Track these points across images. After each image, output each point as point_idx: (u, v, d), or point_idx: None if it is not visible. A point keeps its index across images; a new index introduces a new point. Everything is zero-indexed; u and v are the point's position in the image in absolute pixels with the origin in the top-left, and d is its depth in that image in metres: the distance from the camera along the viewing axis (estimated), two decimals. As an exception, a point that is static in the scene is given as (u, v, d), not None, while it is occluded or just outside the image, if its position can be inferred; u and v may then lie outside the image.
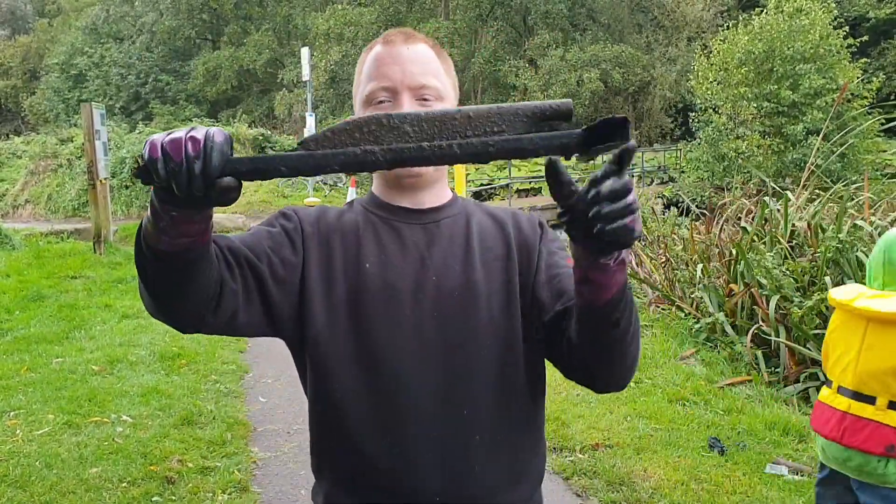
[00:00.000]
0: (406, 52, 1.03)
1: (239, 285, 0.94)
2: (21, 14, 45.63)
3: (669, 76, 26.10)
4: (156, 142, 0.70)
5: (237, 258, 0.94)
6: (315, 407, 1.04)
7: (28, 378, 4.33)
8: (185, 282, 0.85)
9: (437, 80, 1.04)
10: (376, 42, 1.08)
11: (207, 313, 0.90)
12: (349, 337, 1.00)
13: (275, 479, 3.12)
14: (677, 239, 6.94)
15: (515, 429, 1.04)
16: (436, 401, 0.99)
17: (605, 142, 0.68)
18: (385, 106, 1.02)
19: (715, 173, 16.14)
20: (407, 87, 1.02)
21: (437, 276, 1.01)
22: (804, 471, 3.08)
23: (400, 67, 1.02)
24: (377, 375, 0.99)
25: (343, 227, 1.05)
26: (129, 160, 16.90)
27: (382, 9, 28.66)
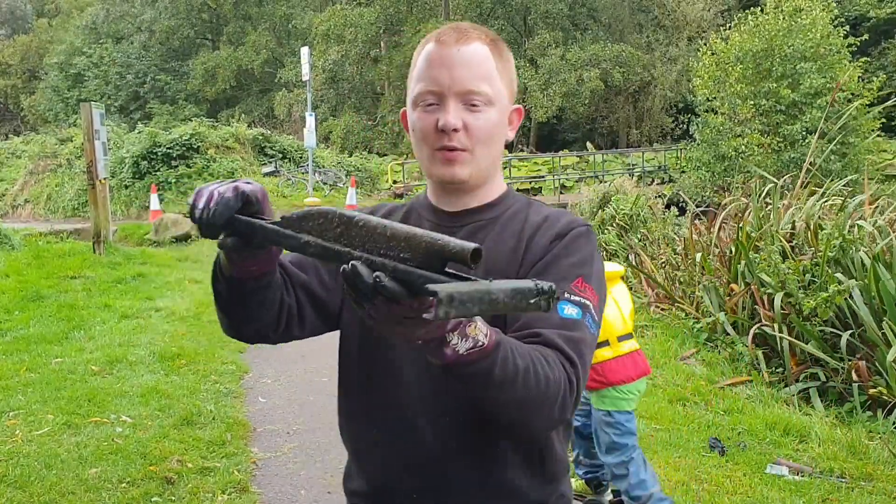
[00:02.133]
0: (457, 55, 1.01)
1: (293, 305, 1.05)
2: (21, 14, 45.62)
3: (670, 76, 26.10)
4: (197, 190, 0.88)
5: (291, 280, 1.05)
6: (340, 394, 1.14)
7: (27, 378, 4.32)
8: (252, 307, 1.00)
9: (489, 84, 1.02)
10: (430, 38, 1.06)
11: (271, 331, 1.05)
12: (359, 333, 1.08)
13: (274, 479, 3.12)
14: (677, 239, 6.94)
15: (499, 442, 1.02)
16: (420, 403, 1.02)
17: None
18: (432, 110, 1.02)
19: (715, 173, 16.14)
20: (454, 93, 1.01)
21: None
22: (805, 471, 3.08)
23: (448, 72, 1.01)
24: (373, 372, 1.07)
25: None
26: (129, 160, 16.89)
27: (382, 9, 28.65)
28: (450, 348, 0.77)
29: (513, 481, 1.04)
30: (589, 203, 10.71)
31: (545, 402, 0.89)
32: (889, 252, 4.36)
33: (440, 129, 1.01)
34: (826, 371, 4.15)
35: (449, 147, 1.02)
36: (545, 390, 0.87)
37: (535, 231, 1.05)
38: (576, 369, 0.91)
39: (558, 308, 0.95)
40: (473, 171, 1.05)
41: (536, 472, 1.05)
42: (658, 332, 5.22)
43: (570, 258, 1.01)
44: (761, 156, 15.09)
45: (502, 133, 1.07)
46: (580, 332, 0.95)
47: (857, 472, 3.06)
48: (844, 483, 2.98)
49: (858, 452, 3.25)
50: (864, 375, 3.86)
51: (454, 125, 1.00)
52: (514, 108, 1.10)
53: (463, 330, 0.76)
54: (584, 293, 0.98)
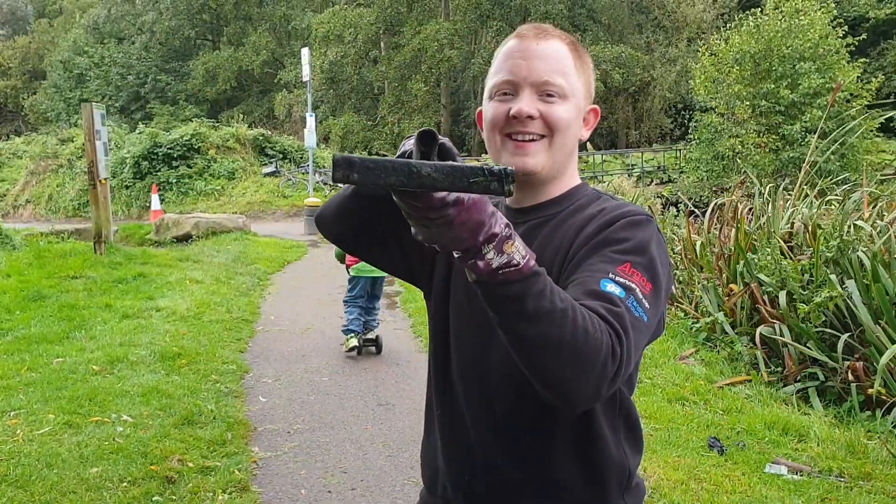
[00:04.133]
0: (535, 48, 1.03)
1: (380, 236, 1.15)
2: (21, 14, 45.63)
3: (669, 76, 26.11)
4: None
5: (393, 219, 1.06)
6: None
7: (28, 378, 4.33)
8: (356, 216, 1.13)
9: (565, 78, 1.03)
10: (512, 36, 1.09)
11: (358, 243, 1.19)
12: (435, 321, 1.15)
13: (275, 478, 3.13)
14: (676, 239, 6.95)
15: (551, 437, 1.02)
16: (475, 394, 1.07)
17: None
18: (507, 99, 1.03)
19: (714, 173, 16.15)
20: (529, 84, 1.02)
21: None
22: (804, 470, 3.09)
23: (527, 63, 1.02)
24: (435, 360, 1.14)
25: None
26: (130, 160, 16.91)
27: (381, 10, 28.67)
28: (484, 261, 0.78)
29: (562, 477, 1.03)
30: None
31: (584, 356, 0.80)
32: (888, 252, 4.37)
33: (512, 116, 1.01)
34: (825, 371, 4.16)
35: (521, 132, 1.02)
36: (584, 342, 0.80)
37: (587, 222, 1.01)
38: (621, 341, 0.83)
39: (600, 284, 0.89)
40: (546, 163, 1.04)
41: (588, 472, 1.03)
42: (657, 332, 5.22)
43: (619, 245, 0.94)
44: (759, 156, 15.10)
45: (577, 129, 1.07)
46: (623, 308, 0.87)
47: (855, 472, 3.06)
48: (843, 482, 2.99)
49: (857, 452, 3.25)
50: (863, 376, 3.87)
51: (528, 112, 1.00)
52: (591, 107, 1.11)
53: (500, 245, 0.78)
54: (630, 277, 0.90)
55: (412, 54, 27.73)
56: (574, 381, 0.82)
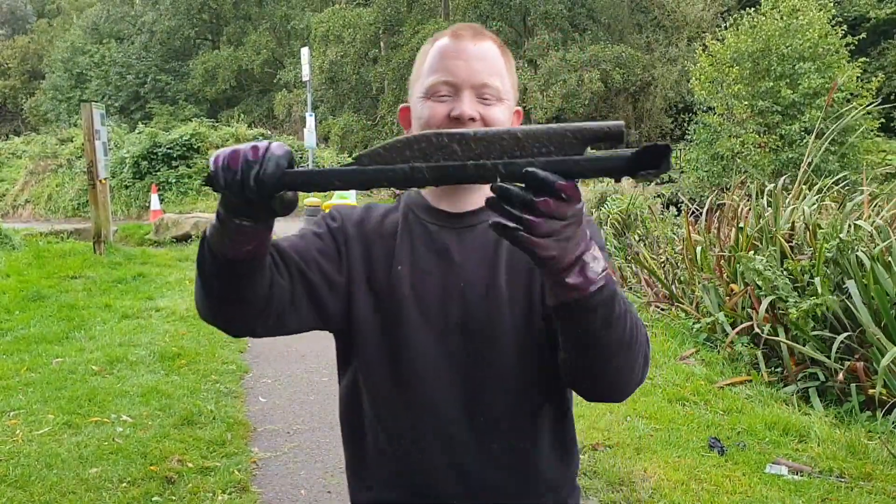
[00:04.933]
0: (473, 49, 1.02)
1: (287, 291, 0.96)
2: (21, 14, 45.62)
3: (670, 76, 26.10)
4: (219, 153, 0.76)
5: (287, 265, 0.97)
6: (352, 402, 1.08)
7: (28, 378, 4.32)
8: (243, 289, 0.90)
9: (500, 80, 1.03)
10: (442, 34, 1.07)
11: (258, 320, 0.95)
12: (381, 338, 1.03)
13: (275, 479, 3.12)
14: (677, 239, 6.94)
15: (537, 438, 1.03)
16: (457, 406, 1.01)
17: (649, 166, 0.69)
18: (445, 100, 1.01)
19: (714, 173, 16.14)
20: (470, 85, 1.01)
21: (464, 282, 1.01)
22: (804, 471, 3.08)
23: (465, 63, 1.01)
24: (401, 378, 1.02)
25: (384, 229, 1.07)
26: (129, 160, 16.91)
27: (381, 9, 28.67)
28: (589, 271, 0.76)
29: (546, 472, 1.05)
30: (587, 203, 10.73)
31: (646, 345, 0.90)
32: (888, 252, 4.37)
33: (454, 118, 1.00)
34: (825, 371, 4.15)
35: None
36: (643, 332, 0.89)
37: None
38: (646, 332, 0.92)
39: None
40: None
41: (563, 458, 1.07)
42: (658, 332, 5.22)
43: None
44: (759, 156, 15.09)
45: None
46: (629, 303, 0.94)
47: (856, 472, 3.06)
48: (844, 483, 2.98)
49: (858, 452, 3.25)
50: (863, 376, 3.86)
51: (471, 114, 0.99)
52: (516, 109, 1.11)
53: (590, 248, 0.77)
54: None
55: (412, 54, 27.70)
56: (640, 371, 0.90)
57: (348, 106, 30.17)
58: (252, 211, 0.78)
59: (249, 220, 0.80)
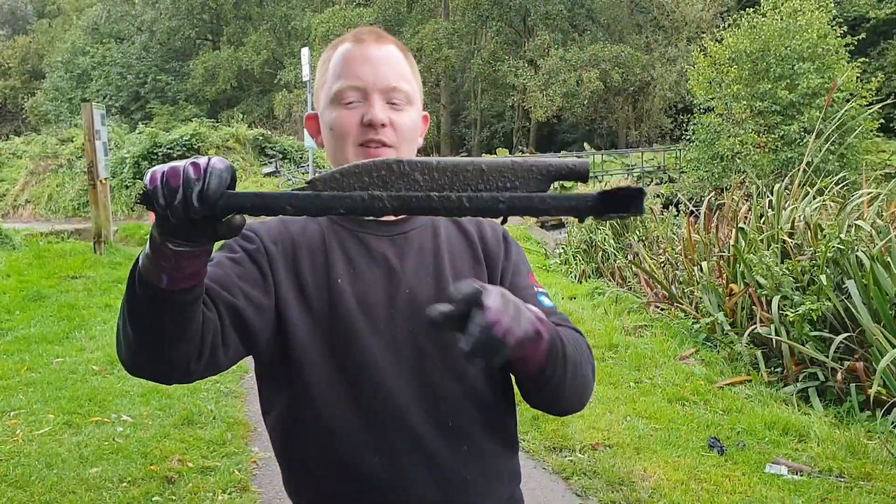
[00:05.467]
0: (377, 53, 1.00)
1: (216, 324, 0.89)
2: (21, 14, 45.64)
3: (669, 76, 26.11)
4: (156, 170, 0.69)
5: (211, 297, 0.90)
6: (293, 428, 1.00)
7: (28, 378, 4.33)
8: (182, 325, 0.82)
9: (408, 83, 1.02)
10: (343, 39, 1.05)
11: (192, 361, 0.87)
12: (329, 355, 0.97)
13: (275, 478, 3.12)
14: (677, 239, 6.95)
15: (495, 435, 1.05)
16: (421, 414, 0.98)
17: (618, 210, 0.68)
18: (355, 106, 0.99)
19: (714, 173, 16.15)
20: (378, 90, 0.99)
21: (409, 288, 1.00)
22: (804, 470, 3.09)
23: (371, 68, 0.99)
24: (360, 392, 0.97)
25: (309, 240, 1.01)
26: (129, 160, 16.91)
27: (381, 10, 28.68)
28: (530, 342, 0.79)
29: (502, 464, 1.07)
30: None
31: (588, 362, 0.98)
32: (888, 252, 4.37)
33: (366, 124, 0.97)
34: (825, 371, 4.16)
35: (376, 141, 0.98)
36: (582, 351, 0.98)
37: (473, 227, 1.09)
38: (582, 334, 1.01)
39: (539, 299, 1.03)
40: None
41: (514, 450, 1.09)
42: (657, 332, 5.22)
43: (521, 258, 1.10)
44: (758, 156, 15.10)
45: (418, 134, 1.06)
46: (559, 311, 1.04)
47: (855, 472, 3.06)
48: (843, 482, 2.99)
49: (857, 452, 3.25)
50: (863, 376, 3.86)
51: (382, 119, 0.98)
52: (423, 114, 1.09)
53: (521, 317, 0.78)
54: (538, 284, 1.08)
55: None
56: (591, 381, 0.99)
57: (348, 106, 30.16)
58: (193, 233, 0.71)
59: (189, 243, 0.73)
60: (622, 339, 4.99)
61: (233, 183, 0.69)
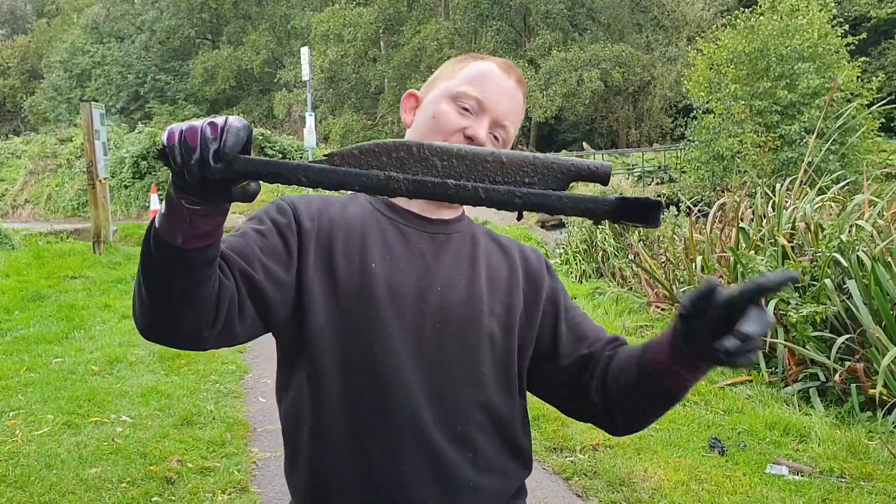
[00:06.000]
0: (511, 89, 1.05)
1: (233, 294, 0.88)
2: (21, 14, 45.64)
3: (669, 76, 26.12)
4: (174, 128, 0.69)
5: (230, 266, 0.89)
6: (304, 413, 0.99)
7: (27, 378, 4.32)
8: (195, 286, 0.81)
9: (514, 126, 1.07)
10: (492, 59, 1.08)
11: (206, 327, 0.86)
12: (348, 338, 0.96)
13: (274, 479, 3.12)
14: (677, 239, 6.94)
15: (504, 448, 1.04)
16: (432, 413, 0.97)
17: (634, 219, 0.68)
18: (467, 113, 1.02)
19: (715, 173, 16.15)
20: (494, 116, 1.02)
21: (442, 286, 0.99)
22: (805, 471, 3.08)
23: (499, 97, 1.03)
24: (374, 379, 0.95)
25: (347, 222, 1.01)
26: (129, 160, 16.91)
27: (381, 9, 28.66)
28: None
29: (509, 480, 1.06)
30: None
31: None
32: (889, 252, 4.36)
33: (467, 136, 1.00)
34: (825, 371, 4.15)
35: None
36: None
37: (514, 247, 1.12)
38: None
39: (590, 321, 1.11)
40: None
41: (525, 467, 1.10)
42: (658, 332, 5.22)
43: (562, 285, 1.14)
44: (757, 155, 15.09)
45: None
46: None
47: (856, 472, 3.06)
48: (844, 483, 2.98)
49: (858, 452, 3.25)
50: (863, 377, 3.86)
51: (482, 139, 1.01)
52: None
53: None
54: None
55: (412, 53, 27.73)
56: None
57: (348, 105, 30.17)
58: (209, 192, 0.71)
59: (205, 202, 0.73)
60: (622, 339, 4.98)
61: (248, 143, 0.69)
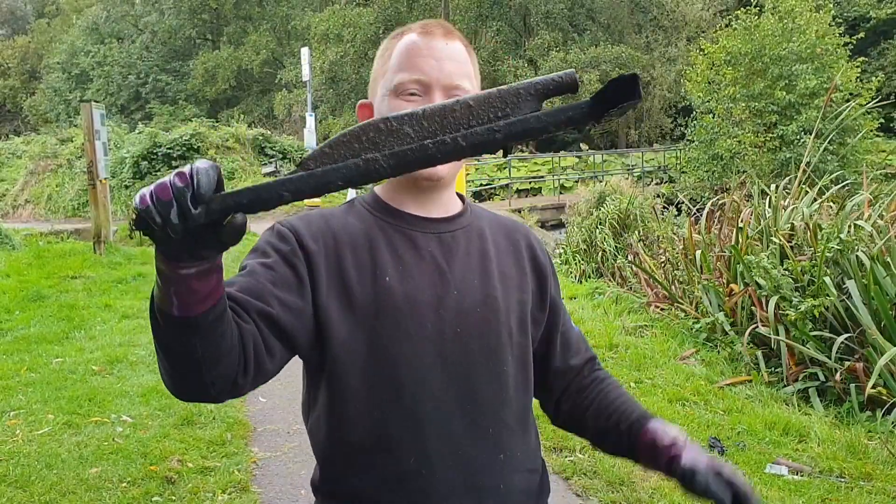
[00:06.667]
0: (444, 48, 0.98)
1: (257, 336, 0.88)
2: (21, 14, 45.65)
3: (669, 76, 26.11)
4: (143, 191, 0.66)
5: (247, 310, 0.88)
6: (331, 429, 0.98)
7: (28, 378, 4.33)
8: (214, 345, 0.79)
9: (470, 83, 1.00)
10: (409, 29, 1.01)
11: (239, 376, 0.85)
12: (371, 353, 0.95)
13: (275, 479, 3.12)
14: (677, 239, 6.94)
15: (528, 445, 1.05)
16: (462, 419, 0.97)
17: (616, 104, 0.65)
18: (416, 99, 0.96)
19: (714, 173, 16.16)
20: (441, 86, 0.96)
21: (457, 290, 0.98)
22: (804, 471, 3.09)
23: (437, 63, 0.97)
24: (402, 393, 0.95)
25: (352, 237, 0.98)
26: (129, 160, 16.91)
27: (381, 9, 28.67)
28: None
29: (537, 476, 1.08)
30: (586, 203, 10.75)
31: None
32: (888, 252, 4.37)
33: None
34: (825, 371, 4.15)
35: None
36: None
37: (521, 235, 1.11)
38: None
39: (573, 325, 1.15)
40: (450, 171, 1.01)
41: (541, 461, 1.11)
42: (657, 332, 5.22)
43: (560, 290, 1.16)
44: (756, 156, 15.10)
45: None
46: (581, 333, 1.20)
47: (856, 472, 3.06)
48: (844, 483, 2.99)
49: (858, 452, 3.25)
50: (863, 376, 3.86)
51: None
52: None
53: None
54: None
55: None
56: None
57: (348, 106, 30.16)
58: (198, 245, 0.68)
59: (196, 262, 0.70)
60: (622, 340, 4.99)
61: (220, 182, 0.66)
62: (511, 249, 1.07)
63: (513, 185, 18.64)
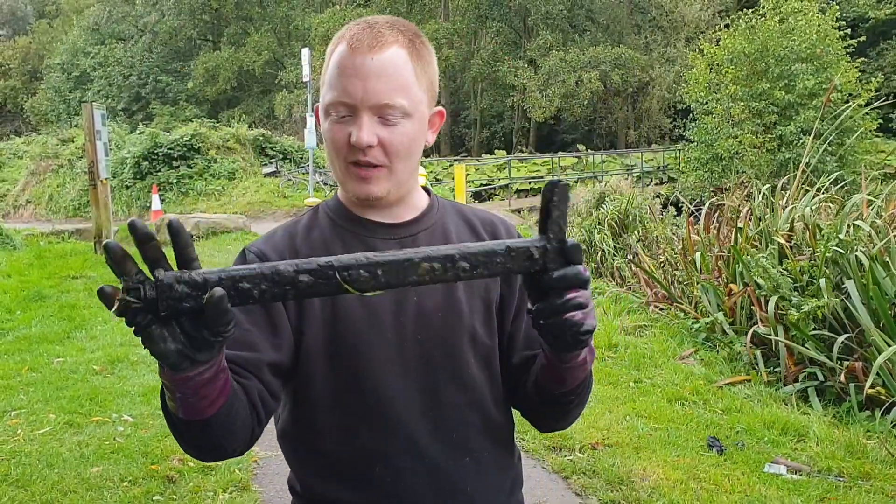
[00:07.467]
0: (371, 64, 0.91)
1: (261, 388, 0.92)
2: (21, 15, 45.66)
3: (668, 77, 26.12)
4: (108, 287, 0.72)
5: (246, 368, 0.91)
6: (297, 438, 1.02)
7: (29, 378, 4.34)
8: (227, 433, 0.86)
9: (405, 95, 0.93)
10: (343, 37, 0.96)
11: (255, 429, 0.92)
12: (333, 364, 0.96)
13: (275, 478, 3.13)
14: (676, 239, 6.95)
15: (497, 444, 1.04)
16: (425, 425, 0.97)
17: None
18: (344, 122, 0.93)
19: (714, 173, 16.17)
20: (367, 108, 0.92)
21: (418, 295, 0.97)
22: (803, 470, 3.10)
23: (362, 84, 0.91)
24: (365, 402, 0.96)
25: (311, 247, 0.99)
26: (130, 160, 16.93)
27: (381, 10, 28.68)
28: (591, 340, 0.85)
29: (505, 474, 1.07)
30: (585, 203, 10.75)
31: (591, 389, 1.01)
32: (887, 252, 4.38)
33: (352, 144, 0.92)
34: (824, 371, 4.16)
35: (363, 163, 0.94)
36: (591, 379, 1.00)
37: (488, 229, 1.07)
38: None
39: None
40: (391, 188, 0.97)
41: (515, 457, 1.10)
42: (657, 332, 5.23)
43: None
44: (755, 156, 15.11)
45: (421, 143, 0.99)
46: None
47: (854, 472, 3.07)
48: (842, 482, 3.00)
49: (856, 452, 3.26)
50: (862, 376, 3.87)
51: (367, 142, 0.91)
52: (436, 110, 1.02)
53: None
54: None
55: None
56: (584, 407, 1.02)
57: (348, 106, 30.17)
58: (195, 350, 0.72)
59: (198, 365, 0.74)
60: (622, 339, 4.99)
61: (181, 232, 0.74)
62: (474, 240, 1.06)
63: (513, 185, 18.65)
